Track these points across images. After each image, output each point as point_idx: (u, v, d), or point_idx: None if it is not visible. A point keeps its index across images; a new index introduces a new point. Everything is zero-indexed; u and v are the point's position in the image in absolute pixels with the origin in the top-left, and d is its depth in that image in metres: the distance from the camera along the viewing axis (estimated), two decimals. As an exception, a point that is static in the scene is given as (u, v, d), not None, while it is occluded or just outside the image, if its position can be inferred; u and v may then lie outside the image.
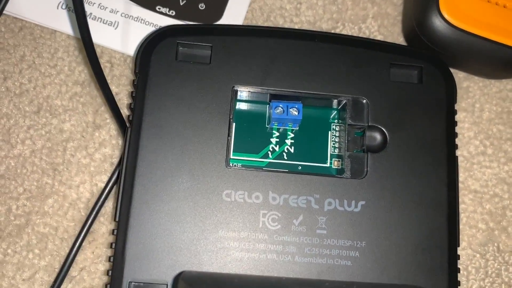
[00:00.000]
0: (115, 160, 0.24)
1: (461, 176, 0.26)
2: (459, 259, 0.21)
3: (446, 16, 0.23)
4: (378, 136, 0.22)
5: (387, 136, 0.22)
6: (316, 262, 0.20)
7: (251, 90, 0.22)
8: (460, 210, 0.25)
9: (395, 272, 0.20)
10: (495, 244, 0.25)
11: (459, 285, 0.21)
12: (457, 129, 0.26)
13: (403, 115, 0.22)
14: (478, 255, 0.25)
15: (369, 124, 0.22)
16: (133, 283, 0.20)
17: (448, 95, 0.23)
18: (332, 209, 0.21)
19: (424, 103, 0.22)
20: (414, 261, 0.20)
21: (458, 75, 0.27)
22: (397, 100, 0.22)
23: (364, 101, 0.22)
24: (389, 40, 0.27)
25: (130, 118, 0.22)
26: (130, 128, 0.21)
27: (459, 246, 0.22)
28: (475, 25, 0.23)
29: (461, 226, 0.25)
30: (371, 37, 0.27)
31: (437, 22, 0.23)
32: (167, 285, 0.19)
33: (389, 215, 0.21)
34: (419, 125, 0.22)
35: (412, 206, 0.21)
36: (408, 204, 0.21)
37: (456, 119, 0.25)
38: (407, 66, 0.23)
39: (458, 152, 0.26)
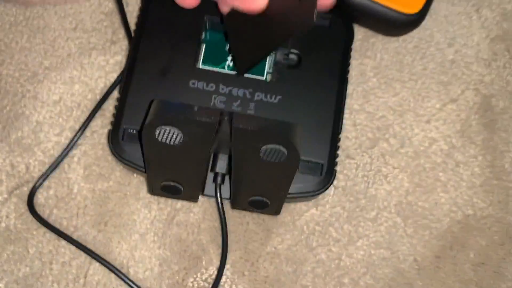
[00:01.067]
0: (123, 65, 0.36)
1: (361, 101, 0.37)
2: (339, 141, 0.33)
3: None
4: (294, 57, 0.33)
5: (301, 58, 0.33)
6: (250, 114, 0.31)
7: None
8: (355, 124, 0.36)
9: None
10: (379, 149, 0.36)
11: (338, 157, 0.32)
12: (361, 70, 0.37)
13: (315, 46, 0.33)
14: (366, 155, 0.36)
15: (291, 50, 0.33)
16: (128, 129, 0.31)
17: (346, 38, 0.34)
18: (259, 99, 0.32)
19: (330, 41, 0.34)
20: (308, 138, 0.32)
21: (367, 33, 0.38)
22: (313, 36, 0.33)
23: None
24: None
25: (135, 33, 0.33)
26: (135, 37, 0.33)
27: (340, 133, 0.33)
28: (372, -6, 0.35)
29: (354, 134, 0.36)
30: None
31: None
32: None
33: (295, 106, 0.32)
34: (324, 54, 0.33)
35: (311, 102, 0.32)
36: (309, 101, 0.32)
37: (361, 64, 0.37)
38: (322, 17, 0.34)
39: (361, 86, 0.37)
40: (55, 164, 0.34)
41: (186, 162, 0.28)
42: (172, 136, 0.25)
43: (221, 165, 0.30)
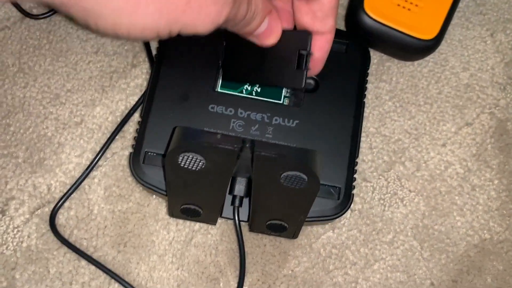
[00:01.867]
0: (143, 88, 0.37)
1: (377, 124, 0.37)
2: (356, 165, 0.33)
3: (369, 12, 0.35)
4: (312, 82, 0.34)
5: (319, 83, 0.34)
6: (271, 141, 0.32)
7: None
8: (371, 147, 0.37)
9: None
10: (395, 173, 0.37)
11: (355, 181, 0.33)
12: (376, 94, 0.38)
13: (331, 71, 0.34)
14: (382, 178, 0.36)
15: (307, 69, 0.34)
16: (148, 152, 0.32)
17: (363, 63, 0.34)
18: (277, 123, 0.33)
19: (346, 66, 0.34)
20: (326, 163, 0.32)
21: (383, 57, 0.38)
22: (330, 61, 0.34)
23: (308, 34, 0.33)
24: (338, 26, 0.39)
25: (156, 58, 0.34)
26: (156, 62, 0.34)
27: (357, 157, 0.33)
28: (388, 20, 0.35)
29: (370, 157, 0.36)
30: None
31: (363, 16, 0.35)
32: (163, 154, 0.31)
33: (312, 131, 0.32)
34: (340, 79, 0.34)
35: (328, 126, 0.33)
36: (326, 125, 0.33)
37: (377, 88, 0.37)
38: (338, 42, 0.34)
39: (377, 109, 0.37)
40: (76, 185, 0.35)
41: (207, 186, 0.28)
42: (195, 162, 0.25)
43: (240, 188, 0.31)
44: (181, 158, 0.25)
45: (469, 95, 0.38)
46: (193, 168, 0.26)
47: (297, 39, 0.28)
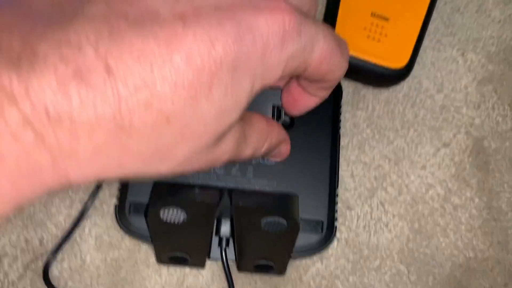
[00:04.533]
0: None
1: (356, 152, 0.38)
2: (337, 196, 0.34)
3: (339, 46, 0.36)
4: (287, 119, 0.35)
5: (294, 120, 0.34)
6: (249, 188, 0.32)
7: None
8: (353, 175, 0.37)
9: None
10: (378, 198, 0.37)
11: (336, 212, 0.34)
12: (354, 122, 0.39)
13: (306, 107, 0.35)
14: (366, 205, 0.37)
15: (284, 112, 0.35)
16: (133, 202, 0.33)
17: (335, 96, 0.35)
18: (257, 162, 0.33)
19: (320, 100, 0.35)
20: (307, 197, 0.33)
21: (358, 86, 0.39)
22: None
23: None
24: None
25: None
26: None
27: (337, 188, 0.34)
28: (359, 52, 0.36)
29: (352, 185, 0.37)
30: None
31: (334, 50, 0.36)
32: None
33: (291, 167, 0.33)
34: (315, 114, 0.34)
35: (306, 161, 0.34)
36: (304, 160, 0.34)
37: (354, 116, 0.38)
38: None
39: (355, 137, 0.38)
40: (67, 237, 0.35)
41: (191, 235, 0.29)
42: (176, 215, 0.26)
43: (225, 229, 0.32)
44: (162, 212, 0.26)
45: (445, 116, 0.39)
46: (175, 222, 0.27)
47: (271, 94, 0.29)
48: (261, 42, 0.18)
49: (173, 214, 0.26)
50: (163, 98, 0.16)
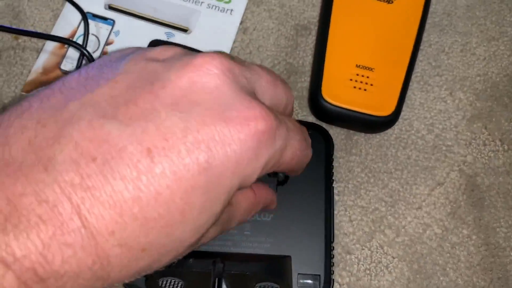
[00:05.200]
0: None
1: (353, 197, 0.39)
2: (333, 249, 0.35)
3: (327, 98, 0.38)
4: (281, 175, 0.36)
5: (287, 176, 0.36)
6: (243, 252, 0.34)
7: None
8: (351, 220, 0.39)
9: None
10: (377, 241, 0.39)
11: (333, 265, 0.35)
12: (349, 167, 0.40)
13: (299, 161, 0.36)
14: (365, 248, 0.38)
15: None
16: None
17: (327, 148, 0.37)
18: (254, 220, 0.35)
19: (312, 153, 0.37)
20: (304, 252, 0.34)
21: (350, 132, 0.41)
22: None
23: None
24: (304, 112, 0.41)
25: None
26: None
27: (333, 241, 0.35)
28: (346, 103, 0.38)
29: (351, 230, 0.39)
30: (294, 111, 0.42)
31: (322, 102, 0.38)
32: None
33: (287, 222, 0.35)
34: (307, 168, 0.36)
35: (301, 216, 0.35)
36: (299, 214, 0.35)
37: (348, 161, 0.39)
38: (302, 130, 0.37)
39: (351, 182, 0.40)
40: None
41: (192, 298, 0.31)
42: (174, 283, 0.28)
43: (225, 287, 0.33)
44: (160, 281, 0.28)
45: (437, 155, 0.40)
46: (175, 288, 0.28)
47: None
48: (234, 158, 0.19)
49: (171, 283, 0.28)
50: (135, 235, 0.17)
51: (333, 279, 0.34)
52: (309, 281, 0.34)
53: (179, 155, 0.18)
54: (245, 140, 0.19)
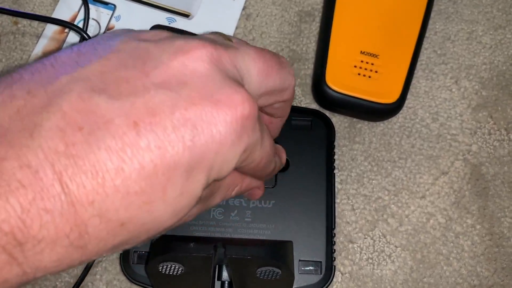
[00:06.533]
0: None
1: (356, 186, 0.39)
2: (334, 236, 0.35)
3: (331, 85, 0.37)
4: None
5: (289, 162, 0.36)
6: (244, 237, 0.34)
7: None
8: (354, 209, 0.38)
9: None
10: (380, 230, 0.38)
11: (334, 252, 0.34)
12: (352, 156, 0.39)
13: (300, 148, 0.36)
14: (368, 237, 0.38)
15: (279, 154, 0.36)
16: (137, 252, 0.34)
17: (328, 136, 0.36)
18: (254, 206, 0.34)
19: (313, 140, 0.36)
20: (305, 238, 0.34)
21: (353, 120, 0.40)
22: (295, 139, 0.36)
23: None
24: (308, 99, 0.41)
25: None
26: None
27: (334, 228, 0.35)
28: (350, 90, 0.37)
29: (353, 218, 0.38)
30: (297, 98, 0.41)
31: (326, 89, 0.37)
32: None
33: (288, 209, 0.34)
34: (309, 154, 0.36)
35: (303, 202, 0.35)
36: (300, 201, 0.35)
37: (351, 150, 0.39)
38: (304, 119, 0.37)
39: (354, 171, 0.39)
40: (79, 283, 0.37)
41: (192, 283, 0.30)
42: (174, 268, 0.27)
43: (226, 274, 0.33)
44: (161, 267, 0.27)
45: (441, 144, 0.40)
46: (174, 273, 0.28)
47: None
48: (218, 139, 0.19)
49: (171, 268, 0.27)
50: (115, 207, 0.17)
51: (335, 266, 0.34)
52: (311, 268, 0.33)
53: (165, 131, 0.18)
54: (230, 123, 0.19)
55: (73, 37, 0.42)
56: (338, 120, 0.40)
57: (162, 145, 0.18)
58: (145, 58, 0.20)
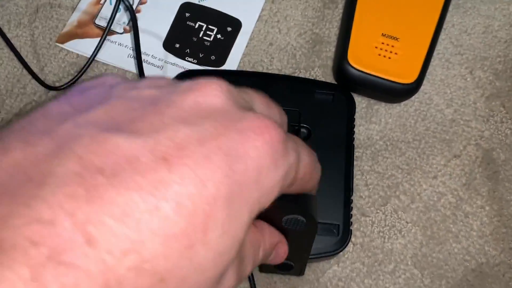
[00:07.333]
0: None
1: (370, 163, 0.40)
2: (351, 202, 0.36)
3: (353, 64, 0.39)
4: (305, 131, 0.37)
5: (311, 131, 0.37)
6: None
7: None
8: (367, 184, 0.40)
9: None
10: (392, 206, 0.39)
11: (351, 217, 0.36)
12: (368, 135, 0.41)
13: (322, 119, 0.37)
14: (380, 212, 0.39)
15: (300, 124, 0.37)
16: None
17: (349, 109, 0.38)
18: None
19: (335, 114, 0.38)
20: (324, 202, 0.35)
21: (371, 101, 0.42)
22: (318, 110, 0.38)
23: (297, 111, 0.38)
24: (328, 81, 0.43)
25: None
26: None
27: (352, 194, 0.36)
28: (371, 69, 0.39)
29: (367, 193, 0.40)
30: (317, 79, 0.43)
31: (348, 68, 0.39)
32: None
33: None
34: (330, 126, 0.37)
35: (323, 170, 0.36)
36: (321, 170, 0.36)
37: (367, 129, 0.41)
38: (326, 93, 0.38)
39: (369, 149, 0.41)
40: None
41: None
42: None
43: None
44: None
45: (455, 129, 0.41)
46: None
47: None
48: (253, 167, 0.17)
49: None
50: (154, 257, 0.14)
51: (351, 230, 0.35)
52: (329, 230, 0.35)
53: (198, 163, 0.16)
54: (261, 147, 0.18)
55: (107, 10, 0.44)
56: (356, 101, 0.41)
57: (198, 179, 0.16)
58: (153, 100, 0.18)
